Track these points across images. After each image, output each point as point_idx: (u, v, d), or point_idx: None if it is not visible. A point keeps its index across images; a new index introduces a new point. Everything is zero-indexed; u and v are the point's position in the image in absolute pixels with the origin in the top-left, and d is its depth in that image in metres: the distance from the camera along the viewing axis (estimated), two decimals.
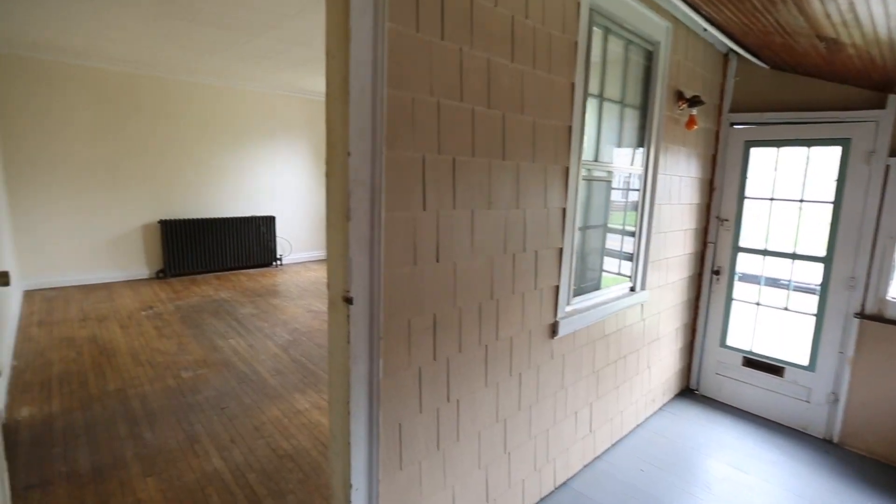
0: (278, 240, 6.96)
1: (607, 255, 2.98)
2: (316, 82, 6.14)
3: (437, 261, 1.54)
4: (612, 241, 3.13)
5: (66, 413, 2.62)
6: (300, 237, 7.33)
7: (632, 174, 2.75)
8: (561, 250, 2.08)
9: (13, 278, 4.60)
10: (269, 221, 6.75)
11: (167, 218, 5.97)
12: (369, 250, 1.33)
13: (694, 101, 2.70)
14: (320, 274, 6.46)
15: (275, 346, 3.69)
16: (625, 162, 2.61)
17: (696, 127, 2.78)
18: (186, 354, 3.48)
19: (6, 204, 4.68)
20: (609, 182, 2.57)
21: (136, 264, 5.87)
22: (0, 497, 1.68)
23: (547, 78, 1.84)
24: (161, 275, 5.96)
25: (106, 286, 5.41)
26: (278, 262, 6.97)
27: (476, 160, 1.62)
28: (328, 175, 1.34)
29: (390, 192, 1.36)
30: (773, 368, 3.07)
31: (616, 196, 2.84)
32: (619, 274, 2.95)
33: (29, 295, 4.98)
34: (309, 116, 7.12)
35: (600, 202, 2.51)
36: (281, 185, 7.01)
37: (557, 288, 2.11)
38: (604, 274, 2.76)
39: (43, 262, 5.28)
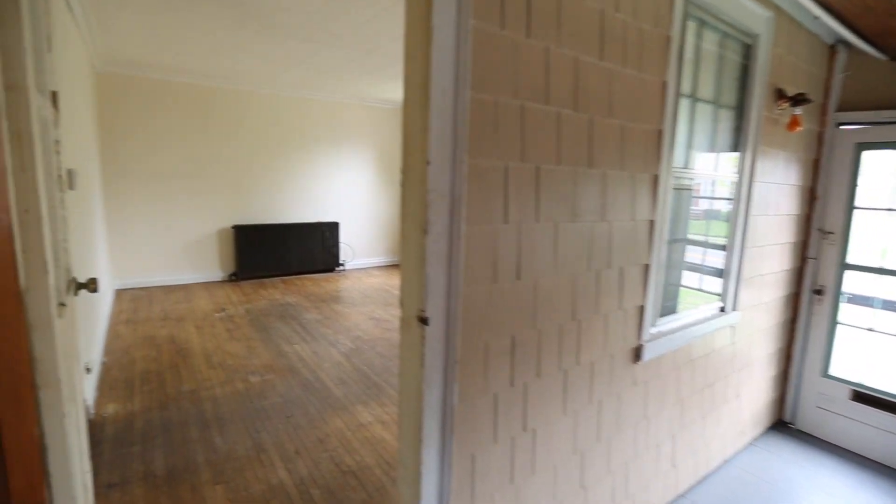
0: (341, 245, 7.09)
1: (690, 271, 2.70)
2: (381, 90, 6.20)
3: (518, 278, 1.40)
4: (693, 255, 2.84)
5: (146, 412, 2.71)
6: (362, 243, 7.43)
7: (714, 181, 2.47)
8: (647, 266, 1.87)
9: (106, 279, 4.98)
10: (333, 227, 6.88)
11: (240, 223, 6.24)
12: (447, 266, 1.21)
13: (798, 100, 2.38)
14: (381, 280, 6.49)
15: (338, 354, 3.69)
16: (714, 168, 2.33)
17: (799, 128, 2.45)
18: (255, 358, 3.55)
19: (102, 210, 5.08)
20: (690, 190, 2.32)
21: (211, 267, 6.18)
22: (82, 496, 1.71)
23: (637, 77, 1.65)
24: (233, 278, 6.23)
25: (184, 287, 5.72)
26: (341, 268, 7.09)
27: (561, 168, 1.46)
28: (404, 185, 1.24)
29: (471, 203, 1.24)
30: (891, 406, 2.63)
31: (693, 204, 2.58)
32: (700, 291, 2.67)
33: (119, 294, 5.35)
34: (373, 124, 7.23)
35: (684, 213, 2.26)
36: (344, 192, 7.15)
37: (643, 308, 1.89)
38: (685, 291, 2.49)
39: (132, 264, 5.67)
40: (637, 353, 1.90)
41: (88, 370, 2.83)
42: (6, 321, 0.68)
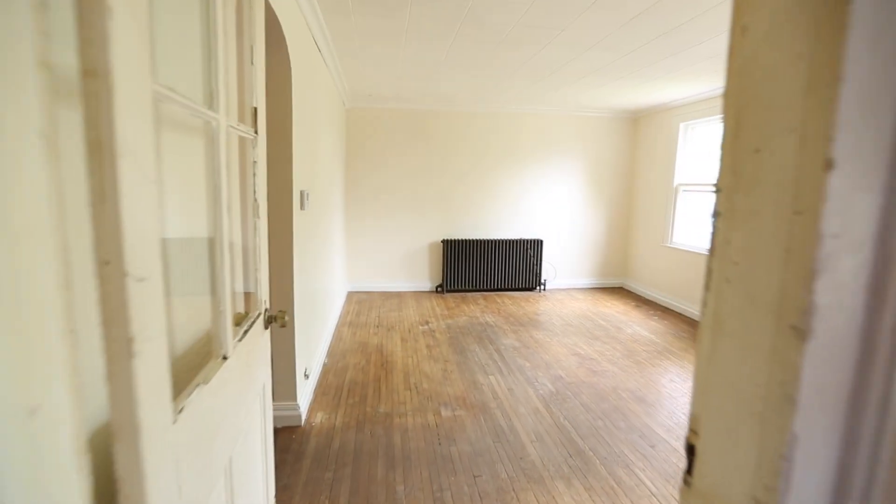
0: (543, 264, 6.52)
1: None
2: (593, 96, 5.42)
3: None
4: None
5: (345, 430, 2.63)
6: (565, 263, 6.71)
7: None
8: None
9: (341, 282, 5.56)
10: (537, 245, 6.37)
11: (448, 237, 6.29)
12: (847, 421, 0.48)
13: None
14: (585, 305, 5.65)
15: (536, 397, 3.09)
16: None
17: None
18: (448, 385, 3.24)
19: (343, 223, 5.71)
20: None
21: (421, 278, 6.39)
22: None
23: None
24: (439, 289, 6.30)
25: (398, 295, 6.01)
26: (542, 288, 6.52)
27: None
28: (724, 213, 0.56)
29: None
30: None
31: None
32: None
33: (350, 296, 5.93)
34: (579, 135, 6.47)
35: None
36: (549, 208, 6.57)
37: None
38: None
39: (362, 270, 6.26)
40: None
41: (307, 376, 2.93)
42: None
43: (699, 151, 5.49)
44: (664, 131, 5.91)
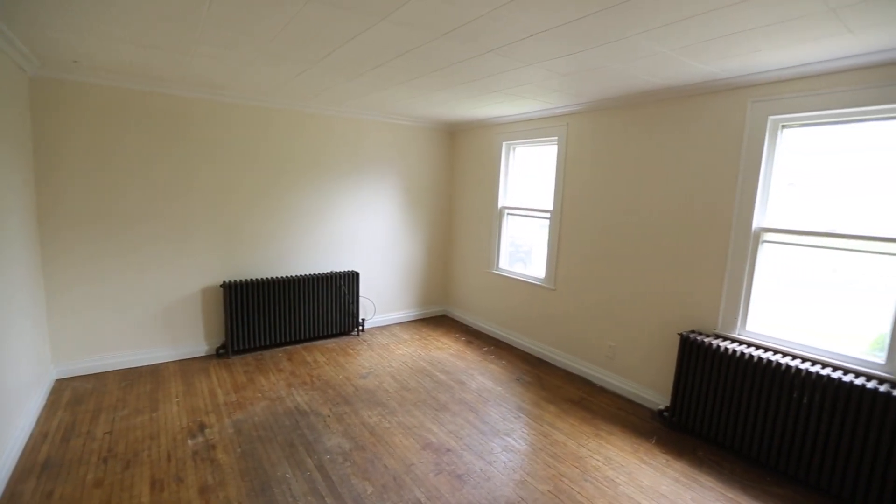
0: (361, 300, 5.46)
1: None
2: (406, 101, 4.65)
3: None
4: None
5: None
6: (384, 296, 5.80)
7: None
8: None
9: (30, 370, 3.29)
10: (352, 278, 5.25)
11: (232, 279, 4.60)
12: None
13: None
14: (415, 349, 4.84)
15: None
16: None
17: None
18: None
19: (33, 271, 3.42)
20: None
21: (192, 338, 4.50)
22: None
23: None
24: (222, 351, 4.56)
25: (153, 371, 4.04)
26: (359, 329, 5.44)
27: None
28: None
29: None
30: None
31: None
32: None
33: (59, 389, 3.67)
34: (397, 145, 5.65)
35: None
36: (363, 233, 5.54)
37: None
38: None
39: (81, 339, 4.00)
40: None
41: None
42: None
43: (525, 174, 5.30)
44: (487, 149, 5.58)
